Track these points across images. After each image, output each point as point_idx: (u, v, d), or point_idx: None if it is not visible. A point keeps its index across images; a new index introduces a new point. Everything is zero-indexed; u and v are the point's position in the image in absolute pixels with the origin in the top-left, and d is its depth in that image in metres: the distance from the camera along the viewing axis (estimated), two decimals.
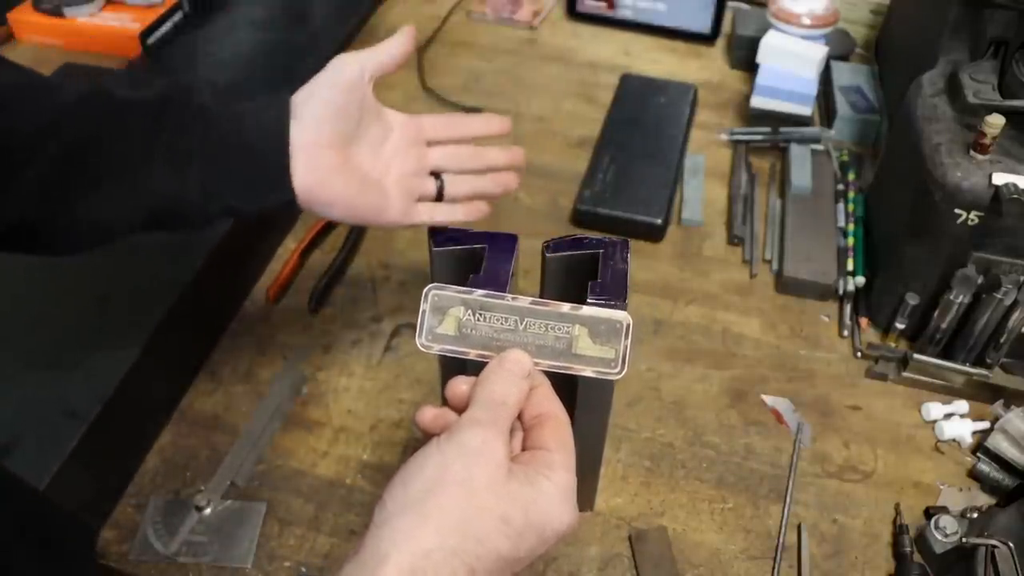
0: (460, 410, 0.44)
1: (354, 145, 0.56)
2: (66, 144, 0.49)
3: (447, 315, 0.47)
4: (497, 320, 0.47)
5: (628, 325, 0.46)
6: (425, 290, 0.47)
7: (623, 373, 0.46)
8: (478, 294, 0.47)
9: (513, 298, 0.47)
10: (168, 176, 0.51)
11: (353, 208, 0.56)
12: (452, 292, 0.47)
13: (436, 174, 0.62)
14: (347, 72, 0.55)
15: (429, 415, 0.45)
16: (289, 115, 0.53)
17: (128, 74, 0.56)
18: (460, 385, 0.45)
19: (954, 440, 0.71)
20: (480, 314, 0.47)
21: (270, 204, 0.54)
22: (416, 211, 0.60)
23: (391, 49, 0.57)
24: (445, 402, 0.46)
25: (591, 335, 0.46)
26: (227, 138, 0.52)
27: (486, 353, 0.46)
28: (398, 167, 0.59)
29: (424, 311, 0.47)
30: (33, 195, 0.49)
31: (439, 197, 0.61)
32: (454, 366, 0.49)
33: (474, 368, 0.46)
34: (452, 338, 0.47)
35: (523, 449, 0.45)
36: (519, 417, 0.45)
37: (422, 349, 0.47)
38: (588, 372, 0.47)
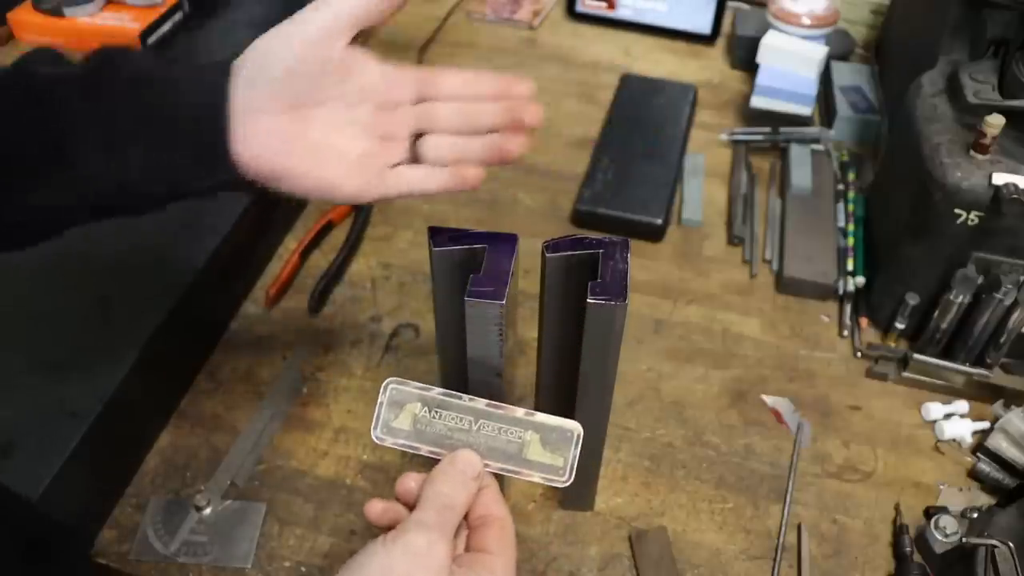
0: (409, 505, 0.45)
1: (313, 110, 0.49)
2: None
3: (404, 409, 0.48)
4: (452, 419, 0.48)
5: (579, 435, 0.48)
6: (384, 383, 0.48)
7: (570, 481, 0.47)
8: (436, 392, 0.48)
9: (470, 399, 0.48)
10: (104, 160, 0.46)
11: (302, 182, 0.50)
12: (411, 388, 0.48)
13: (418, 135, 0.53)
14: (313, 27, 0.47)
15: (377, 509, 0.46)
16: (227, 81, 0.47)
17: (49, 51, 0.51)
18: (409, 482, 0.46)
19: (954, 440, 0.71)
20: (436, 411, 0.48)
21: (216, 183, 0.48)
22: (384, 182, 0.51)
23: None
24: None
25: (542, 442, 0.47)
26: (161, 111, 0.46)
27: (438, 451, 0.48)
28: (371, 136, 0.51)
29: (381, 403, 0.48)
30: None
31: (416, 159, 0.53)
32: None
33: (425, 464, 0.47)
34: (407, 432, 0.48)
35: (466, 549, 0.46)
36: (465, 517, 0.46)
37: (376, 441, 0.48)
38: (536, 478, 0.48)
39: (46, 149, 0.46)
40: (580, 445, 0.47)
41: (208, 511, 0.64)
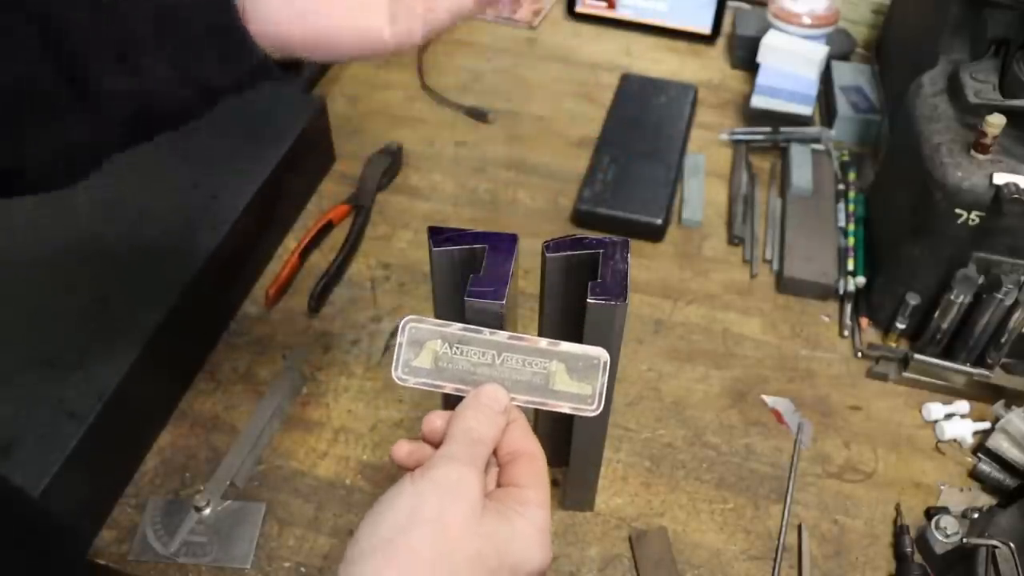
0: (436, 445, 0.44)
1: None
2: (8, 70, 0.43)
3: (424, 348, 0.47)
4: (474, 354, 0.47)
5: (605, 362, 0.46)
6: (402, 323, 0.47)
7: (600, 410, 0.46)
8: (456, 327, 0.47)
9: (491, 332, 0.47)
10: (122, 74, 0.43)
11: (338, 43, 0.45)
12: (430, 325, 0.47)
13: None
14: None
15: (404, 450, 0.45)
16: None
17: None
18: (435, 420, 0.45)
19: (955, 440, 0.71)
20: (457, 348, 0.47)
21: (246, 73, 0.44)
22: (425, 15, 0.47)
23: None
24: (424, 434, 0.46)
25: (568, 371, 0.46)
26: (164, 8, 0.43)
27: (463, 387, 0.46)
28: None
29: (400, 343, 0.47)
30: None
31: None
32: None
33: (451, 402, 0.46)
34: (428, 371, 0.47)
35: (498, 485, 0.45)
36: (494, 453, 0.45)
37: (398, 382, 0.47)
38: (565, 408, 0.47)
39: (57, 76, 0.43)
40: (607, 372, 0.46)
41: (207, 511, 0.64)
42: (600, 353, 0.47)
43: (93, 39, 0.43)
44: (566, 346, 0.47)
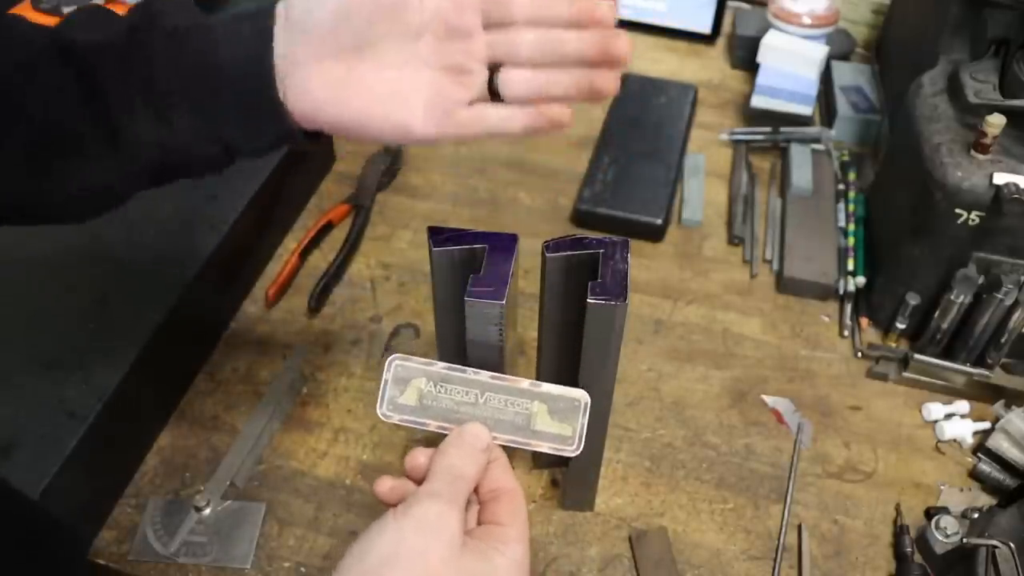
0: (418, 481, 0.45)
1: (367, 51, 0.44)
2: (36, 113, 0.44)
3: (409, 385, 0.48)
4: (458, 393, 0.47)
5: (586, 403, 0.47)
6: (388, 360, 0.48)
7: (580, 450, 0.47)
8: (440, 367, 0.48)
9: (475, 372, 0.48)
10: (151, 123, 0.44)
11: (367, 130, 0.46)
12: (415, 364, 0.48)
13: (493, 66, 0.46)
14: None
15: (387, 485, 0.45)
16: (271, 31, 0.43)
17: (89, 11, 0.48)
18: (419, 457, 0.46)
19: (955, 440, 0.71)
20: (441, 386, 0.48)
21: (272, 139, 0.46)
22: (458, 120, 0.46)
23: None
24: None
25: (550, 412, 0.47)
26: (202, 66, 0.44)
27: (446, 425, 0.47)
28: (435, 68, 0.45)
29: (386, 380, 0.48)
30: (16, 173, 0.45)
31: (493, 94, 0.46)
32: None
33: (433, 439, 0.47)
34: (413, 408, 0.48)
35: (478, 523, 0.45)
36: (475, 491, 0.46)
37: (382, 418, 0.48)
38: (545, 448, 0.47)
39: (92, 121, 0.44)
40: (588, 413, 0.47)
41: (207, 511, 0.64)
42: (581, 395, 0.48)
43: (131, 92, 0.44)
44: (548, 387, 0.48)
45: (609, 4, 0.45)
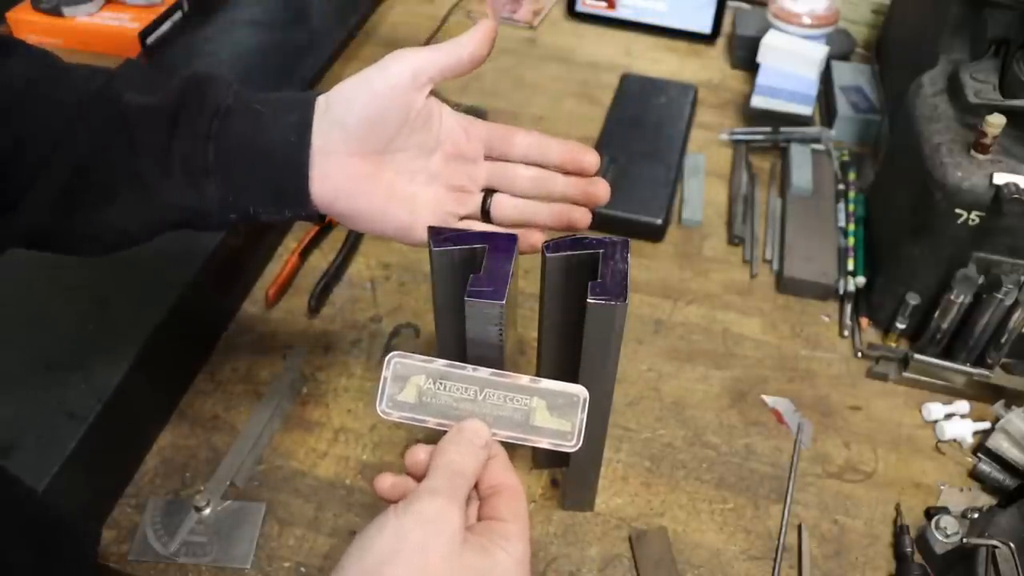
0: (419, 478, 0.45)
1: (388, 155, 0.50)
2: (74, 157, 0.47)
3: (408, 383, 0.48)
4: (457, 390, 0.48)
5: (585, 399, 0.47)
6: (387, 357, 0.48)
7: (579, 446, 0.47)
8: (439, 364, 0.48)
9: (473, 369, 0.48)
10: (184, 189, 0.48)
11: (374, 225, 0.51)
12: (414, 361, 0.48)
13: (488, 190, 0.54)
14: (395, 76, 0.48)
15: (387, 482, 0.46)
16: (311, 122, 0.48)
17: (139, 68, 0.52)
18: (419, 453, 0.46)
19: (955, 440, 0.71)
20: (440, 383, 0.48)
21: (291, 214, 0.50)
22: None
23: (459, 51, 0.49)
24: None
25: (549, 408, 0.47)
26: (243, 147, 0.48)
27: (445, 422, 0.47)
28: (440, 184, 0.53)
29: (385, 378, 0.48)
30: (45, 209, 0.47)
31: (484, 215, 0.54)
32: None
33: (433, 436, 0.47)
34: (412, 405, 0.48)
35: (479, 519, 0.45)
36: (475, 487, 0.46)
37: (382, 415, 0.48)
38: (545, 444, 0.47)
39: (126, 174, 0.47)
40: (587, 409, 0.47)
41: (208, 511, 0.64)
42: (579, 391, 0.48)
43: (170, 160, 0.48)
44: (546, 383, 0.48)
45: (594, 154, 0.53)
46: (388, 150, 0.50)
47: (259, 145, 0.48)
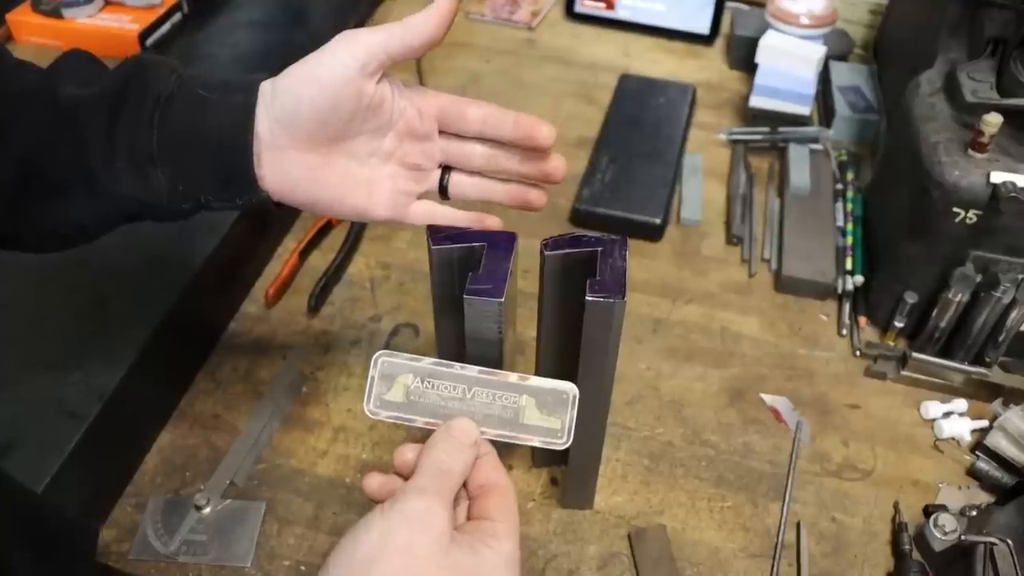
0: (407, 477, 0.45)
1: (342, 143, 0.49)
2: (20, 150, 0.46)
3: (395, 382, 0.48)
4: (445, 388, 0.47)
5: (574, 396, 0.47)
6: (375, 357, 0.48)
7: (569, 443, 0.47)
8: (427, 362, 0.47)
9: (461, 367, 0.47)
10: (132, 179, 0.47)
11: (332, 210, 0.51)
12: (402, 360, 0.48)
13: (446, 167, 0.53)
14: (342, 66, 0.45)
15: (376, 482, 0.46)
16: (254, 105, 0.46)
17: (81, 57, 0.50)
18: (407, 452, 0.46)
19: (953, 438, 0.71)
20: (428, 382, 0.47)
21: (243, 203, 0.49)
22: (411, 212, 0.53)
23: (412, 35, 0.46)
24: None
25: (538, 405, 0.47)
26: (187, 133, 0.46)
27: (433, 421, 0.47)
28: (395, 162, 0.51)
29: (373, 377, 0.48)
30: None
31: (443, 192, 0.53)
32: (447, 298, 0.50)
33: (422, 435, 0.47)
34: (400, 405, 0.48)
35: (468, 519, 0.45)
36: (464, 486, 0.46)
37: (369, 415, 0.48)
38: (535, 442, 0.47)
39: (72, 168, 0.47)
40: (577, 406, 0.47)
41: (208, 510, 0.64)
42: (569, 388, 0.47)
43: (114, 150, 0.46)
44: (536, 381, 0.47)
45: (550, 128, 0.50)
46: (340, 139, 0.49)
47: (202, 131, 0.46)
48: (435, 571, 0.40)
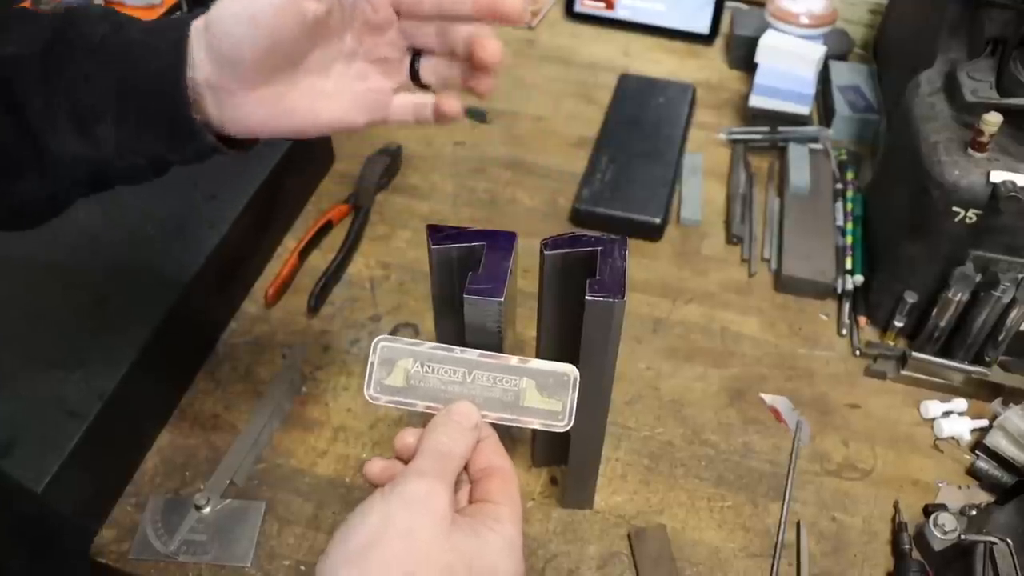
0: (408, 461, 0.44)
1: (296, 66, 0.45)
2: None
3: (395, 367, 0.47)
4: (445, 372, 0.47)
5: (575, 378, 0.47)
6: (374, 341, 0.48)
7: (570, 425, 0.47)
8: (427, 347, 0.47)
9: (461, 351, 0.47)
10: (76, 139, 0.44)
11: (308, 133, 0.47)
12: (401, 344, 0.47)
13: (416, 52, 0.49)
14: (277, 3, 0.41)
15: (377, 467, 0.45)
16: (184, 53, 0.42)
17: (19, 11, 0.47)
18: (407, 437, 0.45)
19: (953, 438, 0.71)
20: (428, 366, 0.47)
21: (199, 151, 0.45)
22: (388, 108, 0.49)
23: None
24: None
25: (539, 388, 0.47)
26: (122, 81, 0.43)
27: (434, 405, 0.47)
28: (360, 60, 0.48)
29: (372, 362, 0.47)
30: None
31: (415, 79, 0.49)
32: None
33: (422, 419, 0.47)
34: (400, 389, 0.47)
35: (470, 502, 0.45)
36: (466, 469, 0.45)
37: (369, 400, 0.47)
38: (536, 424, 0.47)
39: (15, 136, 0.44)
40: (577, 388, 0.47)
41: (208, 510, 0.64)
42: (569, 370, 0.47)
43: (52, 108, 0.43)
44: (536, 363, 0.47)
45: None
46: (293, 63, 0.45)
47: (136, 77, 0.43)
48: (436, 554, 0.39)
